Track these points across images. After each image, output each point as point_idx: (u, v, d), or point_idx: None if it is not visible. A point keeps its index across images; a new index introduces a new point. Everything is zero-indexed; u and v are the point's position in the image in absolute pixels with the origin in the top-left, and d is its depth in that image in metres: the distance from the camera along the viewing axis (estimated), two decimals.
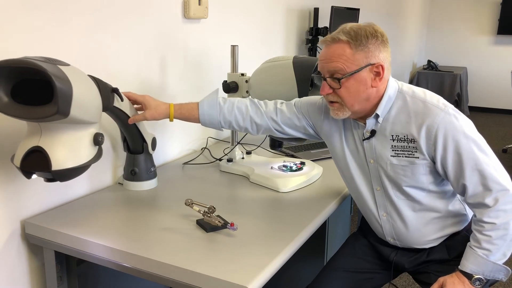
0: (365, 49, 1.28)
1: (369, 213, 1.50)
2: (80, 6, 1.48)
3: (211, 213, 1.33)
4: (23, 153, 1.19)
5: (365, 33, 1.28)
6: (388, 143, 1.37)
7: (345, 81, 1.30)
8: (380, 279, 1.58)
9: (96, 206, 1.51)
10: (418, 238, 1.45)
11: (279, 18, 2.82)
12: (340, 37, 1.29)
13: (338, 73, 1.30)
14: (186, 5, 1.94)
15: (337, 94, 1.33)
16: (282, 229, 1.35)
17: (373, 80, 1.32)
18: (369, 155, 1.42)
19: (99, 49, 1.58)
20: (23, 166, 1.20)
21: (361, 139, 1.42)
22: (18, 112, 1.10)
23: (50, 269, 1.41)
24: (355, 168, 1.47)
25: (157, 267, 1.18)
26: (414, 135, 1.33)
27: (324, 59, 1.33)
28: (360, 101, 1.33)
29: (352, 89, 1.31)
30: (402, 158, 1.36)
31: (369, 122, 1.39)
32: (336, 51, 1.30)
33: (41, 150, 1.18)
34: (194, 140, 2.15)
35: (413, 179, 1.37)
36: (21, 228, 1.41)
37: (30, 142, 1.20)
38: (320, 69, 1.35)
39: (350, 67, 1.29)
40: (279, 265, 1.19)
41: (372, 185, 1.45)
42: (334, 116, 1.38)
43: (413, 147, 1.34)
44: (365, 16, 3.84)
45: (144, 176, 1.63)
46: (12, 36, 1.30)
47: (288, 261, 1.24)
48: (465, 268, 1.33)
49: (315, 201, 1.56)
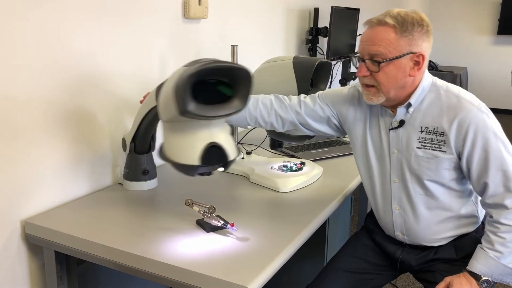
0: (410, 36, 1.28)
1: (382, 205, 1.50)
2: (80, 5, 1.48)
3: (211, 213, 1.33)
4: (198, 151, 1.20)
5: (411, 20, 1.28)
6: (416, 135, 1.37)
7: (385, 65, 1.30)
8: (381, 280, 1.58)
9: (96, 206, 1.51)
10: (428, 235, 1.45)
11: (279, 18, 2.82)
12: (386, 20, 1.29)
13: (378, 56, 1.30)
14: (186, 5, 1.94)
15: (374, 77, 1.33)
16: (282, 229, 1.35)
17: (412, 68, 1.31)
18: (394, 145, 1.42)
19: (98, 49, 1.58)
20: (204, 162, 1.21)
21: (388, 128, 1.42)
22: (207, 112, 1.14)
23: (50, 269, 1.41)
24: (375, 158, 1.47)
25: (157, 267, 1.18)
26: (445, 129, 1.33)
27: (367, 41, 1.32)
28: (396, 88, 1.33)
29: (390, 75, 1.31)
30: (428, 150, 1.36)
31: (399, 111, 1.39)
32: (380, 34, 1.29)
33: (217, 145, 1.22)
34: None
35: (436, 173, 1.36)
36: (21, 228, 1.41)
37: (202, 140, 1.21)
38: (360, 50, 1.35)
39: (392, 52, 1.28)
40: (279, 265, 1.19)
41: (390, 177, 1.45)
42: (367, 101, 1.38)
43: (441, 141, 1.34)
44: (365, 16, 3.84)
45: (140, 176, 1.63)
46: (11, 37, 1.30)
47: (288, 261, 1.24)
48: (474, 268, 1.32)
49: (315, 201, 1.56)
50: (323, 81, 1.65)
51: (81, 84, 1.53)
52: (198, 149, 1.20)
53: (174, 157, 1.23)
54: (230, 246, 1.24)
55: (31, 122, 1.40)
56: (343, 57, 3.39)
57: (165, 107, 1.18)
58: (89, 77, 1.56)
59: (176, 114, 1.13)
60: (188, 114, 1.12)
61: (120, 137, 1.70)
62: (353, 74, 3.43)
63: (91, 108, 1.59)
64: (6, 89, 1.31)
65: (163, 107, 1.21)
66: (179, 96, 1.10)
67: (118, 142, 1.71)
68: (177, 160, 1.23)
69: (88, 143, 1.60)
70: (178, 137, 1.23)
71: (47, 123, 1.44)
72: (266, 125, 1.56)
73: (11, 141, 1.35)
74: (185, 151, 1.22)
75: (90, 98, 1.58)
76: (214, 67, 1.11)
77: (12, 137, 1.35)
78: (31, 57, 1.36)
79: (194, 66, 1.10)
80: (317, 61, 1.56)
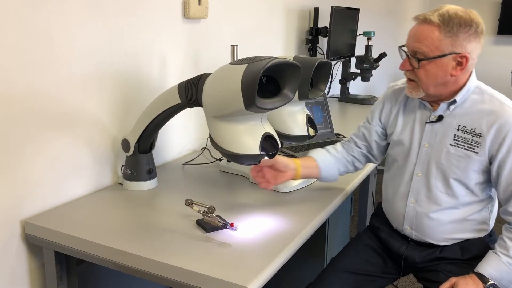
0: (454, 36, 1.28)
1: (396, 197, 1.50)
2: (79, 5, 1.48)
3: (211, 213, 1.33)
4: (258, 141, 1.30)
5: (459, 20, 1.28)
6: (452, 132, 1.39)
7: (426, 63, 1.31)
8: (382, 282, 1.57)
9: (96, 206, 1.51)
10: (437, 233, 1.45)
11: (279, 18, 2.81)
12: (432, 19, 1.29)
13: (420, 54, 1.31)
14: (186, 5, 1.94)
15: (415, 73, 1.35)
16: (282, 229, 1.35)
17: (454, 68, 1.32)
18: (426, 138, 1.43)
19: (98, 48, 1.58)
20: (262, 150, 1.31)
21: (424, 121, 1.43)
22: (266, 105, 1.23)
23: (50, 269, 1.41)
24: (402, 149, 1.48)
25: (157, 267, 1.18)
26: (483, 131, 1.34)
27: (411, 37, 1.34)
28: (436, 85, 1.35)
29: (430, 73, 1.32)
30: (461, 149, 1.37)
31: (442, 106, 1.40)
32: (424, 32, 1.30)
33: (270, 135, 1.33)
34: (194, 140, 2.15)
35: (464, 172, 1.37)
36: (21, 228, 1.41)
37: (259, 131, 1.31)
38: (406, 45, 1.37)
39: (433, 51, 1.29)
40: (279, 265, 1.19)
41: (414, 169, 1.45)
42: (408, 94, 1.41)
43: (477, 142, 1.34)
44: (365, 16, 3.83)
45: (145, 176, 1.63)
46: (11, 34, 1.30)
47: (288, 261, 1.24)
48: (484, 271, 1.32)
49: (315, 201, 1.56)
50: (323, 81, 1.65)
51: (81, 84, 1.53)
52: (257, 139, 1.30)
53: (234, 149, 1.31)
54: (230, 246, 1.24)
55: (31, 122, 1.40)
56: (343, 57, 3.39)
57: (226, 102, 1.26)
58: (89, 77, 1.56)
59: (242, 109, 1.22)
60: (254, 108, 1.21)
61: (120, 137, 1.69)
62: (353, 74, 3.43)
63: (91, 108, 1.59)
64: (6, 88, 1.31)
65: (221, 103, 1.28)
66: (249, 92, 1.19)
67: (118, 142, 1.71)
68: (237, 151, 1.30)
69: (88, 143, 1.60)
70: (235, 129, 1.31)
71: (47, 123, 1.44)
72: (349, 165, 1.62)
73: (11, 141, 1.35)
74: (245, 142, 1.31)
75: (90, 98, 1.58)
76: (277, 62, 1.21)
77: (12, 137, 1.35)
78: (30, 56, 1.36)
79: (260, 63, 1.18)
80: (317, 61, 1.56)
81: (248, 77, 1.19)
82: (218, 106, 1.29)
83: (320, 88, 1.65)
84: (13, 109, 1.34)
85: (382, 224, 1.60)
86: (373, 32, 3.40)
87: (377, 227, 1.62)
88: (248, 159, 1.32)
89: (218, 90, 1.29)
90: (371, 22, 4.16)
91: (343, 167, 1.61)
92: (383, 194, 1.62)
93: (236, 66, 1.23)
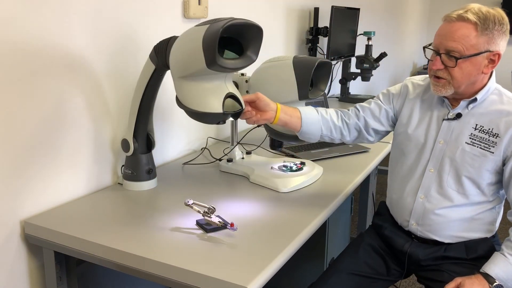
0: (490, 34, 1.28)
1: (405, 193, 1.50)
2: (79, 5, 1.48)
3: (211, 213, 1.33)
4: (221, 101, 1.33)
5: (493, 18, 1.28)
6: (468, 130, 1.39)
7: (462, 62, 1.31)
8: (384, 284, 1.57)
9: (96, 206, 1.51)
10: (444, 230, 1.45)
11: (279, 18, 2.81)
12: (468, 17, 1.28)
13: (456, 52, 1.30)
14: (186, 5, 1.94)
15: (449, 71, 1.34)
16: (282, 229, 1.34)
17: (486, 66, 1.33)
18: (442, 135, 1.43)
19: (98, 48, 1.58)
20: (227, 109, 1.35)
21: (442, 118, 1.43)
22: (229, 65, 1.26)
23: (49, 269, 1.41)
24: (416, 145, 1.48)
25: (157, 267, 1.18)
26: (500, 131, 1.35)
27: (445, 35, 1.32)
28: (468, 83, 1.35)
29: (465, 71, 1.32)
30: (477, 148, 1.37)
31: (462, 104, 1.40)
32: (460, 30, 1.29)
33: (233, 95, 1.36)
34: (194, 140, 2.15)
35: (477, 171, 1.37)
36: (21, 228, 1.41)
37: (222, 91, 1.35)
38: (437, 43, 1.35)
39: (469, 50, 1.29)
40: (279, 265, 1.19)
41: (427, 165, 1.45)
42: (436, 92, 1.39)
43: (493, 142, 1.35)
44: (365, 16, 3.83)
45: (144, 176, 1.63)
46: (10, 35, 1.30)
47: (288, 261, 1.24)
48: (491, 271, 1.31)
49: (315, 201, 1.56)
50: (323, 81, 1.65)
51: (80, 84, 1.53)
52: (220, 99, 1.33)
53: (198, 107, 1.34)
54: (230, 246, 1.24)
55: (30, 122, 1.39)
56: (343, 57, 3.39)
57: (189, 61, 1.29)
58: (89, 77, 1.56)
59: (204, 67, 1.24)
60: (216, 66, 1.24)
61: (120, 137, 1.69)
62: (353, 74, 3.43)
63: (90, 108, 1.59)
64: (5, 88, 1.31)
65: (184, 62, 1.31)
66: (210, 50, 1.22)
67: (118, 142, 1.71)
68: (202, 109, 1.33)
69: (88, 143, 1.60)
70: (200, 89, 1.33)
71: (46, 123, 1.44)
72: (336, 131, 1.56)
73: (10, 141, 1.35)
74: (209, 101, 1.33)
75: (89, 98, 1.58)
76: (237, 23, 1.24)
77: (12, 137, 1.35)
78: (30, 55, 1.36)
79: (220, 23, 1.21)
80: (317, 61, 1.56)
81: (209, 36, 1.22)
82: (183, 66, 1.32)
83: (320, 88, 1.65)
84: (12, 109, 1.34)
85: (385, 222, 1.59)
86: (373, 32, 3.40)
87: (380, 225, 1.61)
88: (211, 118, 1.35)
89: (182, 51, 1.32)
90: (371, 22, 4.16)
91: (327, 130, 1.53)
92: (388, 188, 1.61)
93: (199, 27, 1.26)
